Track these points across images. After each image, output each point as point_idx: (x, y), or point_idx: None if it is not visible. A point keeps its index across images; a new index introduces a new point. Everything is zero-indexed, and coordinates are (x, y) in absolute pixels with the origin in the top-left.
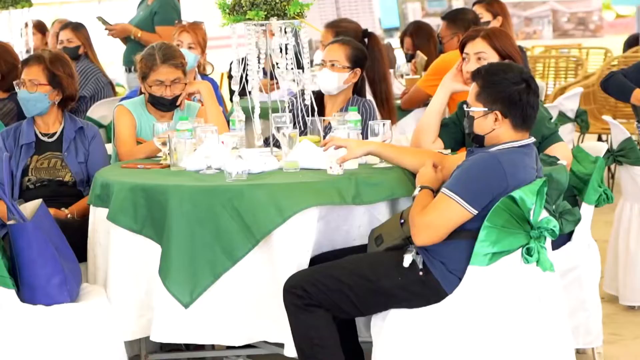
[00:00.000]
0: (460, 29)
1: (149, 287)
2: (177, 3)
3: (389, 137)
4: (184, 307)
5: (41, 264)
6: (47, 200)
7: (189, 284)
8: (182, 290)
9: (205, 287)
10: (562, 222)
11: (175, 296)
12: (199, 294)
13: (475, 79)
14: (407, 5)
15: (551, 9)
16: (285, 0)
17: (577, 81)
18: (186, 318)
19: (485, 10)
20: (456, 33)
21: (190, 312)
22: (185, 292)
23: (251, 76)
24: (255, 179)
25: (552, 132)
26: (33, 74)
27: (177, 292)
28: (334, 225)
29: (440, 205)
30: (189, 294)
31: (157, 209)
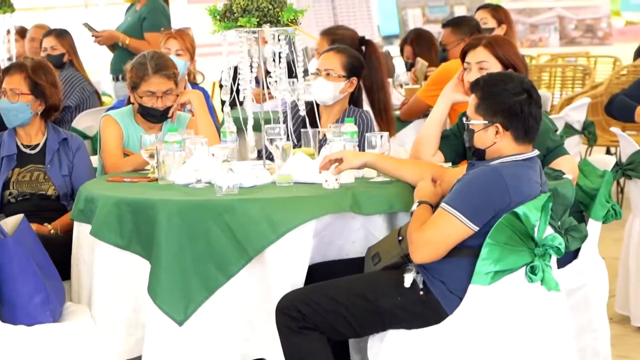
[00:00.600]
0: (466, 35)
1: (137, 305)
2: (166, 8)
3: (387, 149)
4: (177, 325)
5: (22, 282)
6: (29, 215)
7: (182, 301)
8: (174, 307)
9: (199, 303)
10: (568, 239)
11: (168, 314)
12: (194, 310)
13: (474, 90)
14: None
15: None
16: (278, 7)
17: (585, 91)
18: (179, 336)
19: (491, 17)
20: (463, 39)
21: (184, 330)
22: (178, 309)
23: (243, 86)
24: (247, 193)
25: (557, 145)
26: (14, 83)
27: (169, 309)
28: (327, 240)
29: (439, 221)
30: (182, 310)
31: (145, 225)
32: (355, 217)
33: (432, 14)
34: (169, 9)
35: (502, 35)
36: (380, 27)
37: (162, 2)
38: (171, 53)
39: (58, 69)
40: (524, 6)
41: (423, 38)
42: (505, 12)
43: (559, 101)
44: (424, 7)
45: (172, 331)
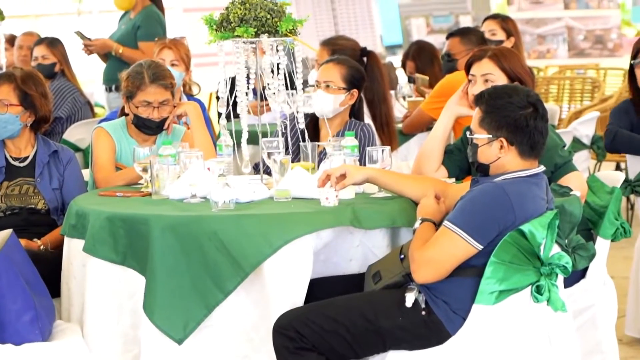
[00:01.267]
0: (474, 45)
1: (131, 322)
2: (162, 17)
3: (389, 164)
4: (177, 344)
5: (11, 300)
6: (18, 230)
7: (180, 318)
8: (173, 325)
9: (198, 320)
10: (575, 257)
11: (166, 333)
12: (193, 329)
13: (479, 104)
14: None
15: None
16: (277, 16)
17: (594, 104)
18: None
19: (500, 28)
20: (471, 49)
21: (182, 349)
22: (177, 327)
23: (240, 97)
24: (244, 208)
25: (565, 161)
26: (3, 94)
27: (167, 328)
28: (322, 258)
29: (442, 239)
30: (181, 328)
31: (139, 240)
32: (353, 233)
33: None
34: (164, 18)
35: (508, 47)
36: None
37: (157, 10)
38: (166, 63)
39: (49, 79)
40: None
41: (425, 51)
42: (514, 24)
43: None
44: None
45: (170, 349)
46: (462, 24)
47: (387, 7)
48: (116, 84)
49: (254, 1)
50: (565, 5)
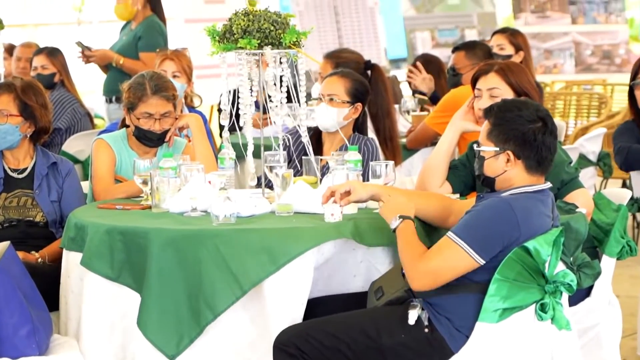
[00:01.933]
0: (480, 59)
1: (127, 338)
2: (163, 27)
3: (392, 179)
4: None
5: (8, 313)
6: (16, 243)
7: (174, 335)
8: (166, 341)
9: (192, 338)
10: (580, 275)
11: (159, 348)
12: (186, 346)
13: (487, 116)
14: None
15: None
16: (280, 28)
17: (600, 121)
18: None
19: (508, 42)
20: (477, 63)
21: None
22: (170, 344)
23: (243, 110)
24: (245, 223)
25: (572, 178)
26: (3, 104)
27: (161, 343)
28: (326, 274)
29: (445, 251)
30: (174, 345)
31: (136, 254)
32: (356, 249)
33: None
34: (165, 28)
35: (515, 62)
36: (388, 50)
37: (159, 20)
38: (167, 75)
39: (48, 89)
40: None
41: (432, 65)
42: (523, 38)
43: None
44: (433, 30)
45: None
46: (467, 38)
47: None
48: (116, 95)
49: (258, 12)
50: (573, 20)
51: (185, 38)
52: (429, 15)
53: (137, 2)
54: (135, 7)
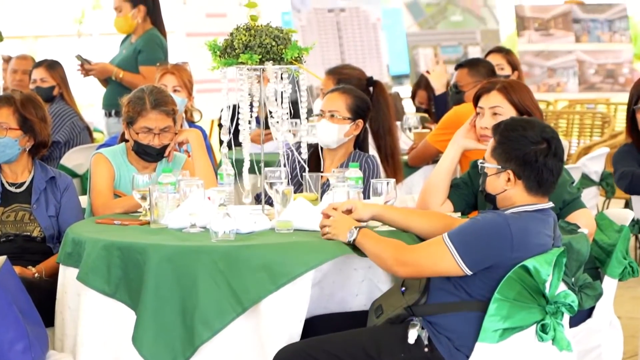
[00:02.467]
0: (483, 77)
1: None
2: (163, 41)
3: (393, 197)
4: None
5: (3, 328)
6: (13, 257)
7: (169, 352)
8: (161, 358)
9: (187, 356)
10: (581, 296)
11: None
12: None
13: (494, 133)
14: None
15: (577, 59)
16: (282, 44)
17: (603, 140)
18: None
19: (506, 62)
20: (479, 81)
21: None
22: None
23: (243, 126)
24: (244, 239)
25: (574, 198)
26: (2, 117)
27: None
28: (328, 292)
29: (433, 248)
30: None
31: (134, 270)
32: (358, 269)
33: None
34: (166, 42)
35: (517, 80)
36: (390, 66)
37: (159, 34)
38: (168, 89)
39: (47, 102)
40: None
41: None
42: (515, 56)
43: (576, 150)
44: (436, 46)
45: None
46: (470, 55)
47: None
48: (116, 109)
49: (259, 28)
50: (577, 38)
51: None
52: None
53: (137, 15)
54: (135, 20)
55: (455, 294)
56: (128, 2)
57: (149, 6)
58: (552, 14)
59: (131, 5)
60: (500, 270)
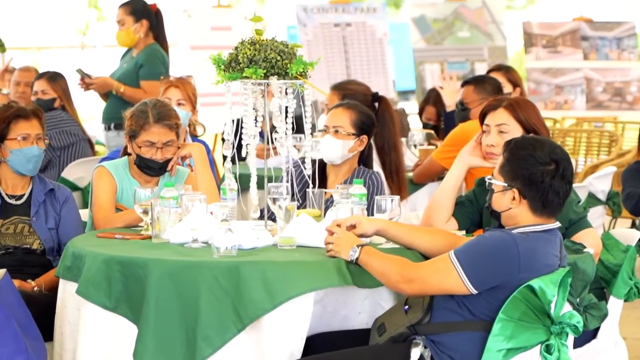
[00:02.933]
0: (488, 94)
1: None
2: (165, 55)
3: (398, 214)
4: None
5: (2, 342)
6: (12, 270)
7: None
8: None
9: None
10: (586, 317)
11: None
12: None
13: (504, 150)
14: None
15: (585, 77)
16: (287, 58)
17: (611, 159)
18: None
19: (507, 80)
20: (485, 98)
21: None
22: None
23: (247, 141)
24: (246, 255)
25: (580, 217)
26: (37, 128)
27: None
28: (331, 310)
29: (439, 265)
30: None
31: (135, 285)
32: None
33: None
34: (167, 57)
35: (523, 98)
36: (396, 81)
37: (161, 49)
38: (172, 103)
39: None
40: (549, 66)
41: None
42: (517, 74)
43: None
44: (443, 62)
45: None
46: (477, 72)
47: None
48: (115, 123)
49: (265, 42)
50: (585, 56)
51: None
52: (439, 47)
53: (139, 29)
54: (137, 34)
55: (459, 313)
56: (131, 15)
57: (152, 21)
58: (560, 31)
59: (134, 19)
60: (506, 291)
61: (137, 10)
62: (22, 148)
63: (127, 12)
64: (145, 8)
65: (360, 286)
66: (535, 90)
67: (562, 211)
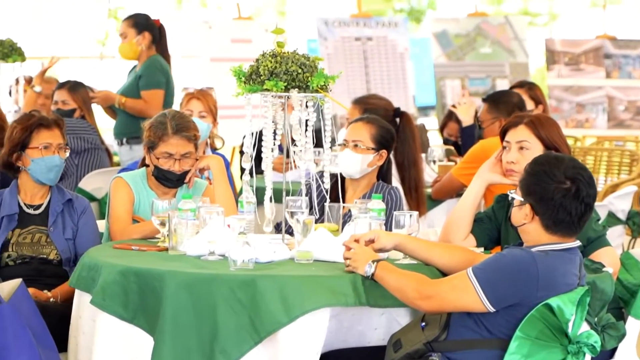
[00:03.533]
0: (502, 114)
1: None
2: (165, 65)
3: (416, 230)
4: None
5: (16, 352)
6: (28, 280)
7: None
8: None
9: None
10: (604, 336)
11: None
12: None
13: (528, 165)
14: (446, 83)
15: (607, 95)
16: (308, 71)
17: (631, 179)
18: None
19: (529, 97)
20: (498, 118)
21: None
22: None
23: (266, 153)
24: (263, 269)
25: (598, 236)
26: (58, 138)
27: None
28: (347, 325)
29: (457, 282)
30: None
31: (151, 297)
32: None
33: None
34: (168, 66)
35: (546, 115)
36: (416, 97)
37: (161, 59)
38: (194, 114)
39: None
40: (571, 83)
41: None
42: (540, 91)
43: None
44: (464, 78)
45: None
46: (499, 88)
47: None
48: (127, 137)
49: (286, 54)
50: (607, 74)
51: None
52: (460, 63)
53: (142, 42)
54: (139, 47)
55: (476, 331)
56: (133, 28)
57: (154, 35)
58: (583, 48)
59: (136, 32)
60: (524, 309)
61: (139, 23)
62: (44, 157)
63: (129, 25)
64: (147, 21)
65: (373, 306)
66: (557, 107)
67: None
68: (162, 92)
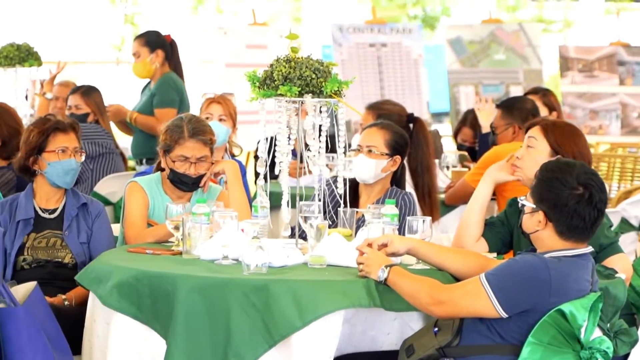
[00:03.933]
0: (516, 120)
1: None
2: (179, 83)
3: (429, 235)
4: None
5: (30, 355)
6: (43, 283)
7: None
8: None
9: None
10: (616, 342)
11: None
12: None
13: (538, 171)
14: (460, 89)
15: (620, 102)
16: (322, 77)
17: None
18: None
19: (542, 104)
20: (511, 124)
21: None
22: None
23: (280, 158)
24: (276, 273)
25: (611, 242)
26: (74, 141)
27: None
28: (359, 330)
29: (470, 288)
30: None
31: (163, 301)
32: None
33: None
34: (182, 84)
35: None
36: (430, 103)
37: (174, 76)
38: (214, 118)
39: None
40: (585, 90)
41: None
42: (555, 97)
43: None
44: (477, 84)
45: None
46: (512, 94)
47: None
48: (147, 157)
49: (300, 60)
50: (621, 81)
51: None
52: (474, 69)
53: (155, 60)
54: (153, 65)
55: (488, 337)
56: (146, 46)
57: (167, 51)
58: (597, 55)
59: (149, 50)
60: (536, 315)
61: (152, 41)
62: (61, 160)
63: (141, 44)
64: (159, 38)
65: (387, 309)
66: (570, 114)
67: (594, 236)
68: (175, 110)
